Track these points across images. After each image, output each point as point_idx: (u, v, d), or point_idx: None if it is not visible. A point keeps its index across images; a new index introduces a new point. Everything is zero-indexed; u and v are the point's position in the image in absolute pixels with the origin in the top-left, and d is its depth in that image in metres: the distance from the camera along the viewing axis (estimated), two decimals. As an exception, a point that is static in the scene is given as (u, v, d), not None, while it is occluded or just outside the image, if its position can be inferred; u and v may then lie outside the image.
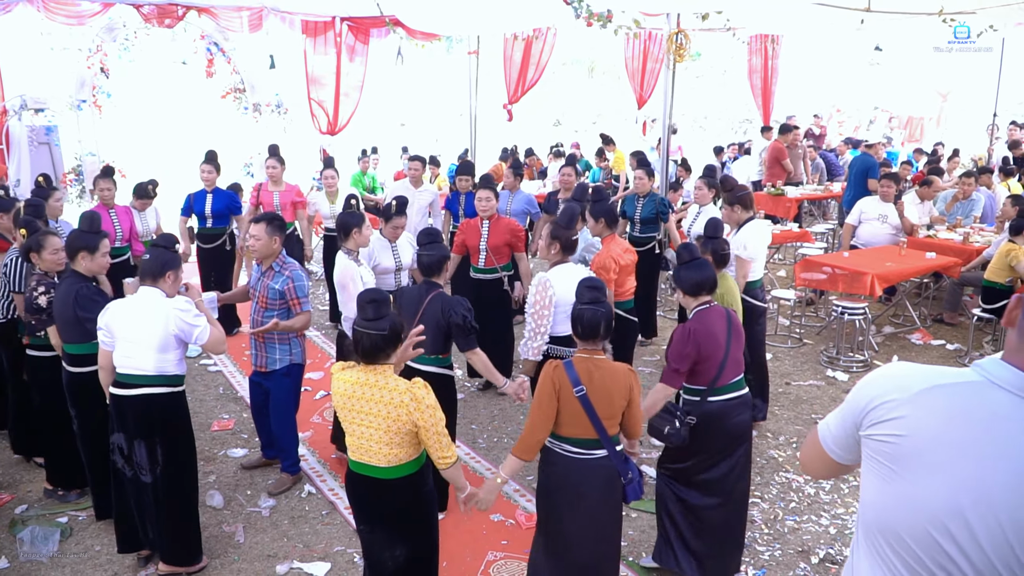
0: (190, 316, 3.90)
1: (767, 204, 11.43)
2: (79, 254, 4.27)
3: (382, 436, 3.03)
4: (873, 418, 1.67)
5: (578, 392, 3.18)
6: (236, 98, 11.51)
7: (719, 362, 3.78)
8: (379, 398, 3.01)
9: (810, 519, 4.75)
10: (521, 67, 12.20)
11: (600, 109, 25.15)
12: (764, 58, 13.87)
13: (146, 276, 3.93)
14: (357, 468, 3.18)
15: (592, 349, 3.29)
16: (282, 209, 7.66)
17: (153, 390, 3.89)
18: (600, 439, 3.25)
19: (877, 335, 8.06)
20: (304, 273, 4.83)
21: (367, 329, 3.01)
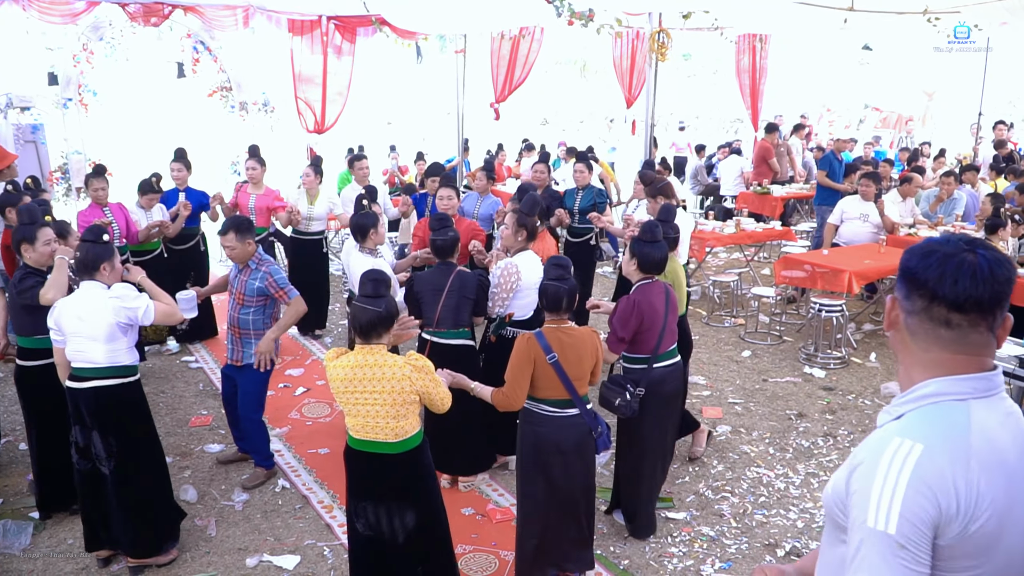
0: (128, 300, 3.92)
1: (752, 202, 11.48)
2: (22, 246, 4.37)
3: (388, 411, 3.22)
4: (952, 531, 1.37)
5: (551, 359, 3.58)
6: (223, 96, 11.50)
7: (659, 331, 4.19)
8: (381, 375, 3.19)
9: (779, 513, 4.79)
10: (508, 66, 12.22)
11: (591, 108, 25.18)
12: (752, 57, 13.91)
13: (82, 271, 3.97)
14: (361, 446, 3.32)
15: (559, 320, 3.68)
16: (257, 213, 7.52)
17: (105, 382, 3.93)
18: (572, 399, 3.68)
19: (856, 332, 8.10)
20: (279, 266, 4.90)
21: (366, 305, 3.20)
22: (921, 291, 1.48)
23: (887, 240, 8.15)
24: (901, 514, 1.35)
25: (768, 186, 11.86)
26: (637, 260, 4.22)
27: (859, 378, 6.94)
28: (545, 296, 3.68)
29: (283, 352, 7.52)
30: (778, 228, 9.91)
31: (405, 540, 3.39)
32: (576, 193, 7.63)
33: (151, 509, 4.17)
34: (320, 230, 7.89)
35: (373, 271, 3.36)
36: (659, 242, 4.22)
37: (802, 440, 5.76)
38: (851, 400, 6.47)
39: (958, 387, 1.47)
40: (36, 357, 4.43)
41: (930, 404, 1.47)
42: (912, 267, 1.50)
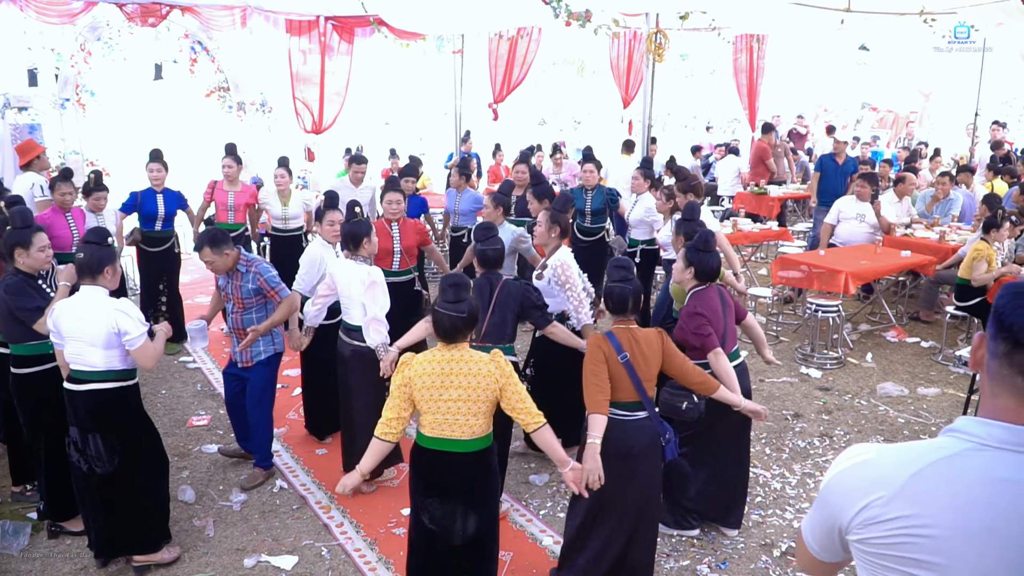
0: (130, 321, 3.86)
1: (750, 203, 11.50)
2: (15, 251, 4.26)
3: (470, 408, 3.26)
4: (861, 522, 1.46)
5: (622, 359, 3.60)
6: (220, 97, 11.52)
7: (721, 334, 4.20)
8: (466, 371, 3.25)
9: (775, 513, 4.81)
10: (506, 66, 12.24)
11: (589, 108, 25.20)
12: (749, 58, 13.93)
13: (84, 274, 3.92)
14: (432, 444, 3.34)
15: (626, 321, 3.71)
16: (235, 210, 7.58)
17: (102, 385, 3.93)
18: (641, 400, 3.65)
19: (853, 332, 8.12)
20: (269, 264, 4.90)
21: (449, 311, 3.24)
22: (1006, 334, 1.38)
23: (883, 240, 8.18)
24: (820, 492, 1.57)
25: (765, 186, 11.88)
26: (694, 268, 4.28)
27: (855, 378, 6.96)
28: (611, 298, 3.71)
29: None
30: (775, 228, 9.93)
31: (463, 537, 3.44)
32: (585, 193, 7.72)
33: (151, 508, 4.20)
34: (299, 226, 7.94)
35: (452, 276, 3.41)
36: (714, 251, 4.32)
37: (798, 440, 5.78)
38: (847, 400, 6.49)
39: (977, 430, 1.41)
40: (34, 364, 4.36)
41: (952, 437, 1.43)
42: (1002, 307, 1.40)
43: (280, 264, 7.76)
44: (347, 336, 4.91)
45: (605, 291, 3.76)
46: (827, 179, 9.93)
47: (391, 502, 4.93)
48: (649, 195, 7.26)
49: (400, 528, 4.62)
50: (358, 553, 4.40)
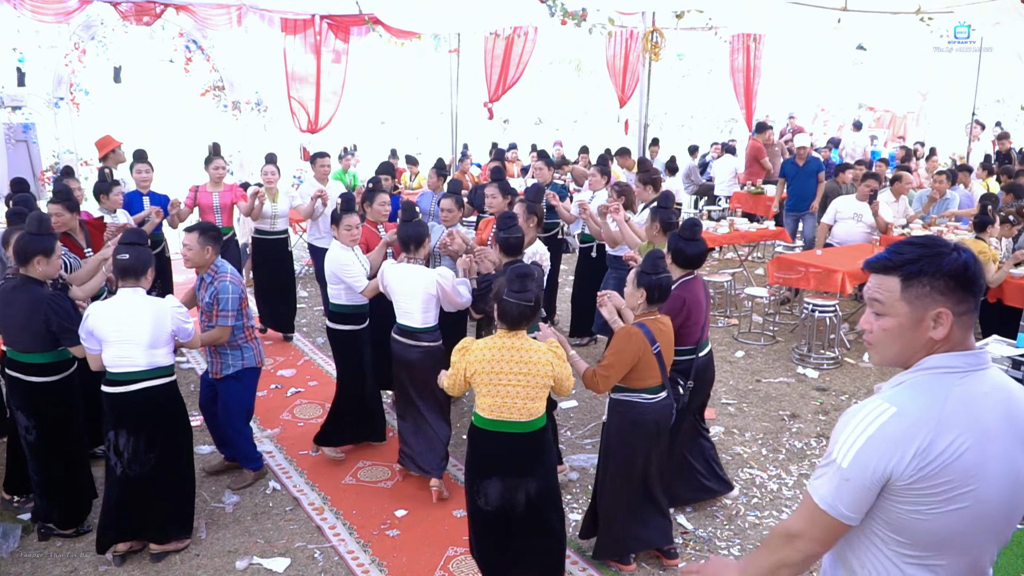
0: (183, 314, 4.11)
1: (746, 202, 11.48)
2: (35, 259, 4.13)
3: (528, 392, 3.44)
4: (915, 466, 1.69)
5: (655, 349, 3.87)
6: (215, 96, 11.47)
7: (702, 323, 4.45)
8: (526, 359, 3.43)
9: (771, 514, 4.78)
10: (502, 65, 12.21)
11: (586, 108, 25.15)
12: (746, 57, 13.91)
13: (128, 275, 3.94)
14: (490, 425, 3.52)
15: (653, 312, 3.96)
16: (222, 211, 7.42)
17: (150, 383, 4.02)
18: (664, 384, 4.00)
19: (850, 332, 8.10)
20: (238, 284, 4.66)
21: (517, 300, 3.40)
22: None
23: (880, 240, 8.15)
24: (855, 458, 1.73)
25: (762, 186, 11.85)
26: (671, 255, 4.43)
27: (852, 378, 6.94)
28: (659, 290, 3.87)
29: (275, 353, 7.51)
30: (772, 228, 9.90)
31: (525, 514, 3.59)
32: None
33: (188, 497, 4.37)
34: (284, 228, 7.77)
35: (519, 266, 3.54)
36: (697, 240, 4.44)
37: (795, 441, 5.76)
38: (844, 401, 6.47)
39: (955, 361, 1.77)
40: (51, 372, 4.27)
41: (926, 374, 1.77)
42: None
43: (262, 269, 7.75)
44: (409, 339, 4.83)
45: (648, 283, 3.88)
46: (791, 183, 10.02)
47: (385, 504, 4.89)
48: (606, 191, 7.32)
49: (394, 530, 4.59)
50: (351, 555, 4.36)
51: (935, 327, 1.76)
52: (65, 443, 4.41)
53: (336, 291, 5.26)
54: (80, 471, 4.54)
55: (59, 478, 4.43)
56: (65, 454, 4.42)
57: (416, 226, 4.83)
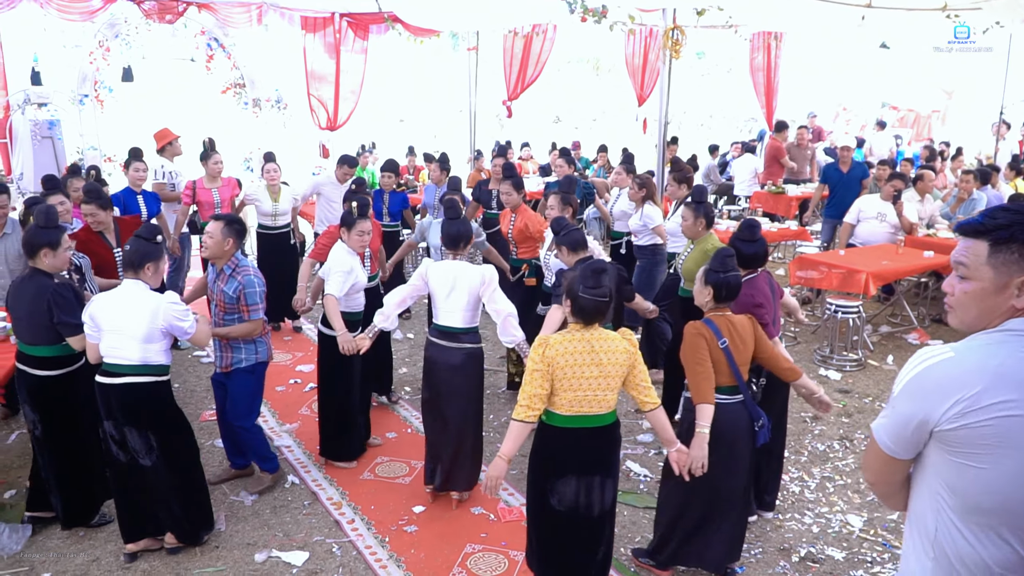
0: (179, 311, 3.97)
1: (767, 202, 11.37)
2: (41, 251, 4.13)
3: (608, 384, 3.40)
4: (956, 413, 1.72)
5: (722, 344, 3.77)
6: (236, 93, 11.53)
7: (771, 319, 4.31)
8: (604, 349, 3.38)
9: (793, 517, 4.72)
10: (521, 64, 12.20)
11: (603, 106, 25.08)
12: (767, 56, 13.81)
13: (128, 268, 3.95)
14: (570, 422, 3.45)
15: (722, 308, 3.87)
16: (222, 205, 7.45)
17: (137, 379, 3.94)
18: (738, 384, 3.83)
19: (873, 334, 8.00)
20: (260, 277, 4.61)
21: (593, 296, 3.34)
22: None
23: (905, 240, 8.05)
24: (901, 390, 1.82)
25: (783, 185, 11.75)
26: (743, 261, 4.33)
27: (876, 381, 6.85)
28: (726, 287, 3.80)
29: (294, 348, 7.53)
30: (793, 228, 9.81)
31: (600, 508, 3.56)
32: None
33: (196, 497, 4.28)
34: (286, 223, 7.83)
35: (594, 262, 3.47)
36: (756, 240, 4.41)
37: (817, 443, 5.69)
38: (867, 403, 6.38)
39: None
40: (56, 366, 4.25)
41: (1001, 333, 1.77)
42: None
43: (267, 262, 7.75)
44: (450, 340, 4.68)
45: (714, 281, 3.82)
46: (834, 190, 9.55)
47: (402, 499, 4.88)
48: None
49: (412, 526, 4.57)
50: (369, 550, 4.35)
51: (1018, 295, 1.76)
52: (71, 439, 4.37)
53: None
54: (87, 469, 4.45)
55: (65, 475, 4.38)
56: (71, 451, 4.37)
57: (461, 224, 4.74)
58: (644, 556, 4.19)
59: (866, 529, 4.60)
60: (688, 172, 7.04)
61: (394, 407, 6.30)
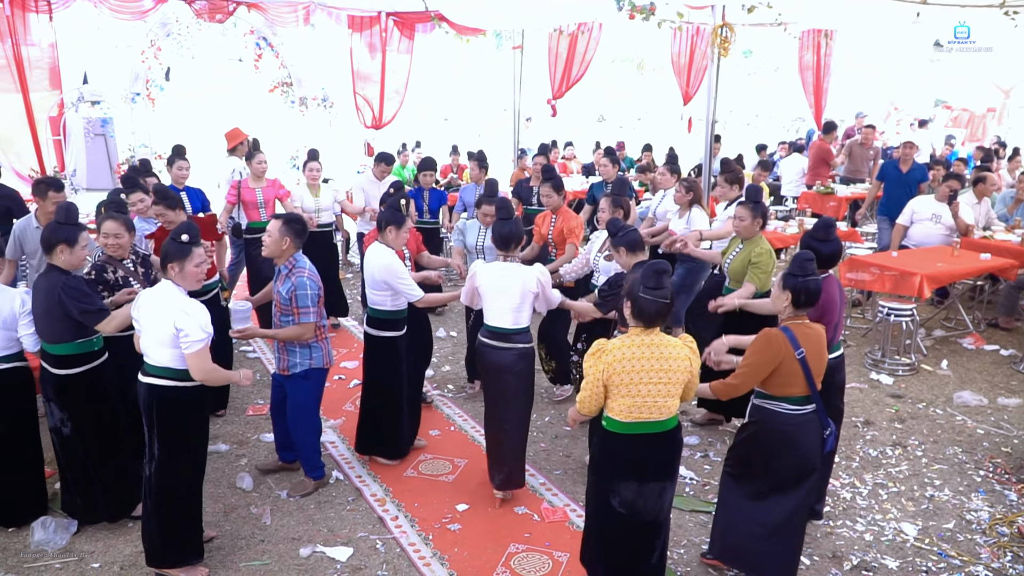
0: (191, 323, 3.70)
1: (815, 202, 11.15)
2: (58, 247, 4.08)
3: (670, 390, 3.36)
4: None
5: (799, 355, 3.64)
6: (283, 92, 11.65)
7: (835, 323, 4.28)
8: (665, 355, 3.34)
9: (844, 524, 4.60)
10: (566, 63, 12.14)
11: (648, 106, 24.90)
12: (816, 54, 13.55)
13: (162, 266, 3.88)
14: (629, 429, 3.40)
15: (800, 316, 3.74)
16: (266, 205, 7.41)
17: (155, 380, 3.82)
18: (811, 395, 3.71)
19: (927, 338, 7.79)
20: (315, 280, 4.55)
21: (655, 297, 3.30)
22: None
23: (960, 243, 7.82)
24: None
25: (832, 185, 11.51)
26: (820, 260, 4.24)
27: (930, 386, 6.67)
28: (804, 292, 3.67)
29: (338, 345, 7.56)
30: (843, 229, 9.60)
31: (660, 512, 3.53)
32: (605, 186, 8.10)
33: (178, 519, 3.98)
34: (329, 221, 7.90)
35: (656, 263, 3.39)
36: (831, 240, 4.32)
37: (869, 449, 5.54)
38: (921, 409, 6.21)
39: None
40: (76, 364, 4.20)
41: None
42: None
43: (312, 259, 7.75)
44: (502, 341, 4.63)
45: (791, 286, 3.69)
46: (890, 189, 9.24)
47: (446, 497, 4.86)
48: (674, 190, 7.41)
49: (455, 524, 4.55)
50: (412, 547, 4.34)
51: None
52: (102, 434, 4.32)
53: (381, 297, 5.03)
54: (122, 461, 4.41)
55: (103, 469, 4.35)
56: (104, 445, 4.33)
57: (514, 224, 4.68)
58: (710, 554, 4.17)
59: (920, 538, 4.46)
60: (739, 172, 6.95)
61: (438, 405, 6.29)
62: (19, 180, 8.86)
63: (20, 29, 8.48)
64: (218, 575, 4.10)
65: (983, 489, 5.01)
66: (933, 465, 5.32)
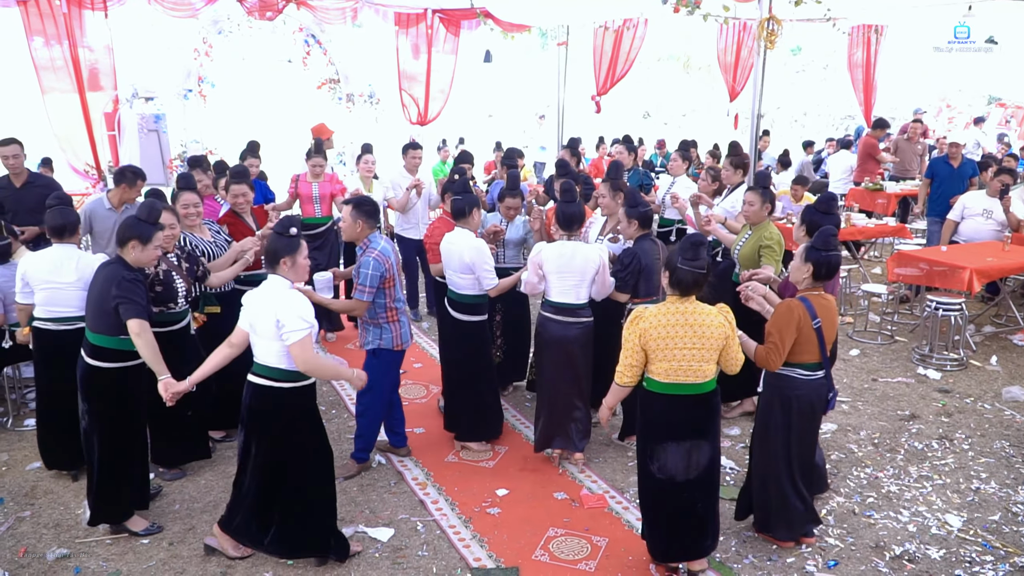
0: (290, 314, 3.65)
1: (863, 199, 10.97)
2: (131, 242, 4.06)
3: (704, 355, 3.57)
4: None
5: (815, 324, 3.86)
6: (331, 88, 11.84)
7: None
8: (700, 322, 3.56)
9: (888, 515, 4.55)
10: (611, 59, 12.12)
11: (694, 104, 24.70)
12: (866, 50, 13.31)
13: (266, 263, 3.83)
14: (665, 389, 3.66)
15: (817, 288, 3.96)
16: (321, 200, 7.47)
17: (257, 380, 3.80)
18: (822, 362, 3.95)
19: (976, 334, 7.63)
20: (382, 261, 4.58)
21: (692, 268, 3.53)
22: None
23: (1012, 238, 7.64)
24: None
25: (881, 182, 11.32)
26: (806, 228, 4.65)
27: (978, 381, 6.53)
28: (825, 265, 3.87)
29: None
30: (891, 224, 9.44)
31: (697, 475, 3.73)
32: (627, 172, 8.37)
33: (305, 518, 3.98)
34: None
35: (694, 235, 3.66)
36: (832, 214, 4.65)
37: (915, 442, 5.46)
38: (969, 404, 6.09)
39: None
40: (109, 359, 4.13)
41: None
42: None
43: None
44: (569, 316, 4.86)
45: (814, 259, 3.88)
46: (940, 186, 8.93)
47: (487, 482, 4.92)
48: (686, 177, 7.85)
49: (495, 508, 4.61)
50: (452, 529, 4.41)
51: None
52: (110, 439, 4.21)
53: (469, 281, 5.09)
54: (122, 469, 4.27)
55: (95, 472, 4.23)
56: (110, 451, 4.21)
57: (577, 206, 4.89)
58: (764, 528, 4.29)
59: (965, 529, 4.39)
60: (745, 158, 7.09)
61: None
62: (75, 175, 9.17)
63: (77, 30, 8.76)
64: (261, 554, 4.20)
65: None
66: (980, 458, 5.23)
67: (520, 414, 5.98)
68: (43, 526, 4.44)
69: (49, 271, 4.56)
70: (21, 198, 6.66)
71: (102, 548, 4.24)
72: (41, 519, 4.51)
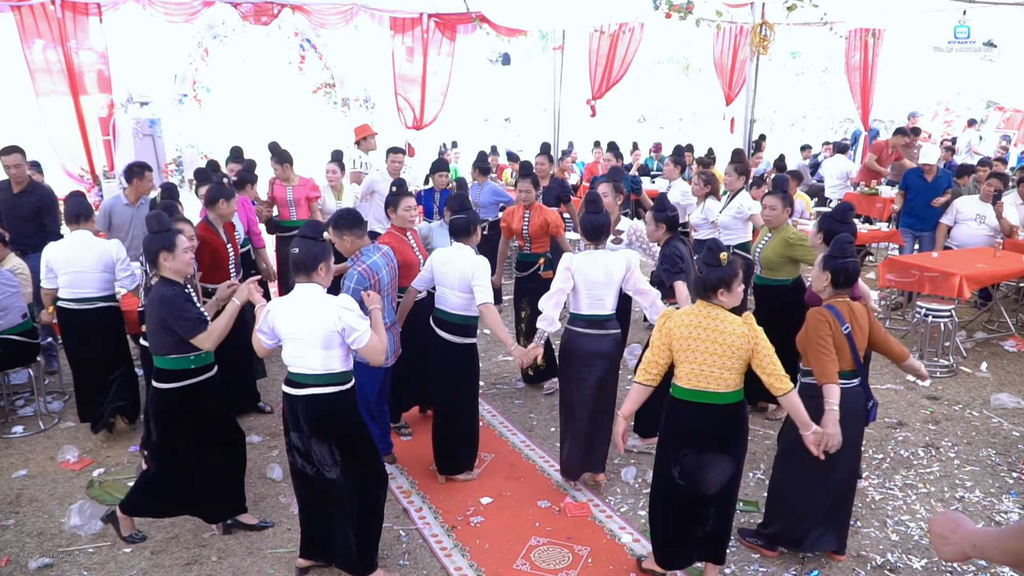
0: (354, 317, 3.65)
1: (860, 203, 10.97)
2: (160, 256, 4.00)
3: (724, 362, 3.54)
4: None
5: (845, 330, 3.84)
6: (326, 93, 11.87)
7: None
8: (721, 328, 3.54)
9: (872, 524, 4.54)
10: (606, 63, 12.14)
11: (693, 107, 24.68)
12: (864, 54, 13.32)
13: (299, 271, 3.70)
14: (688, 395, 3.64)
15: (843, 294, 3.94)
16: (296, 204, 7.49)
17: (320, 390, 3.70)
18: (856, 369, 3.91)
19: (967, 340, 7.62)
20: (362, 275, 4.46)
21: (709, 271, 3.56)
22: None
23: (1003, 244, 7.64)
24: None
25: (876, 187, 11.32)
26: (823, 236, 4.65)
27: (967, 388, 6.53)
28: (843, 273, 3.87)
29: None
30: (884, 230, 9.44)
31: (716, 486, 3.68)
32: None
33: (374, 520, 4.00)
34: None
35: (715, 241, 3.65)
36: (848, 223, 4.60)
37: (901, 450, 5.46)
38: (957, 411, 6.09)
39: None
40: (172, 379, 4.11)
41: None
42: None
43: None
44: (599, 328, 4.71)
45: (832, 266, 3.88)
46: (913, 198, 8.54)
47: (471, 491, 4.92)
48: (681, 181, 8.18)
49: (478, 517, 4.61)
50: (435, 539, 4.41)
51: None
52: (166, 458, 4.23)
53: (466, 300, 4.83)
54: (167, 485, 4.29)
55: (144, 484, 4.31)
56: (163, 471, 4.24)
57: (602, 216, 4.77)
58: (751, 536, 4.30)
59: (949, 541, 4.38)
60: (747, 165, 7.23)
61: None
62: (70, 179, 9.19)
63: (71, 34, 8.79)
64: (245, 561, 4.22)
65: (1015, 491, 4.90)
66: (965, 467, 5.22)
67: (507, 420, 5.98)
68: (26, 535, 4.45)
69: (69, 258, 5.32)
70: (16, 204, 6.71)
71: (84, 557, 4.25)
72: (25, 527, 4.53)
